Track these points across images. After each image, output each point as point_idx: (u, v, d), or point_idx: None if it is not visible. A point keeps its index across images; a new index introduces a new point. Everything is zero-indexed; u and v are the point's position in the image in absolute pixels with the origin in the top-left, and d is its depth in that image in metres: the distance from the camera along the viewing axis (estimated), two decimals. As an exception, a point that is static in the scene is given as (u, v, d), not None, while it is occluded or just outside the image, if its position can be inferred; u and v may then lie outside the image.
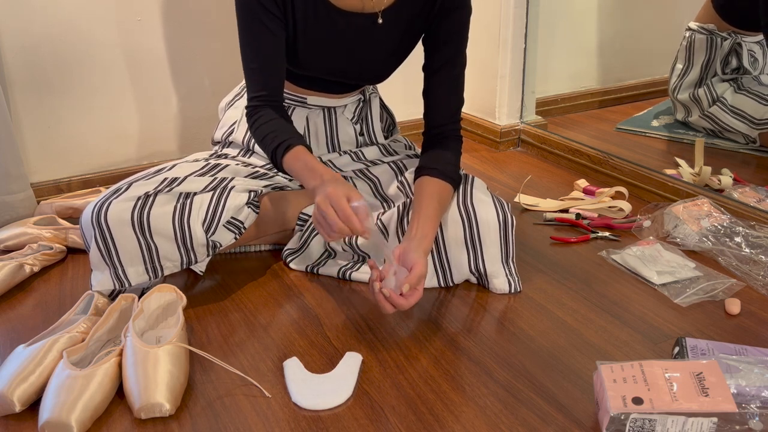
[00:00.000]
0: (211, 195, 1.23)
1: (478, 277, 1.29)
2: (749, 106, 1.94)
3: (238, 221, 1.26)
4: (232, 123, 1.45)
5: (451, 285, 1.29)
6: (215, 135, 1.48)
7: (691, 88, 2.07)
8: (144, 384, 0.97)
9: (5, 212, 1.55)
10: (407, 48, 1.34)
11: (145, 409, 0.95)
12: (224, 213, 1.23)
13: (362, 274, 1.32)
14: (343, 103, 1.43)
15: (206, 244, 1.21)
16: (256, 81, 1.26)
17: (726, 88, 2.01)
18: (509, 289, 1.27)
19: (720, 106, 1.99)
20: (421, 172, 1.27)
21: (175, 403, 0.97)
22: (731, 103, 1.98)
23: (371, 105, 1.48)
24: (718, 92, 2.01)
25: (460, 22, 1.27)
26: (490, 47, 2.06)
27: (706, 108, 2.02)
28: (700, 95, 2.04)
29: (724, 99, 1.99)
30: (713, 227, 1.43)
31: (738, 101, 1.97)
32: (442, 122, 1.31)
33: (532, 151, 2.07)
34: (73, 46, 1.64)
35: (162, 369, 0.98)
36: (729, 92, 2.00)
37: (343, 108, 1.44)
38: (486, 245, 1.24)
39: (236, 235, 1.25)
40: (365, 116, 1.48)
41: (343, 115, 1.44)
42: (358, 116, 1.46)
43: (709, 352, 1.01)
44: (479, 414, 0.97)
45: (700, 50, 2.04)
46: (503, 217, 1.24)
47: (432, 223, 1.18)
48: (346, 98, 1.43)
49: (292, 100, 1.40)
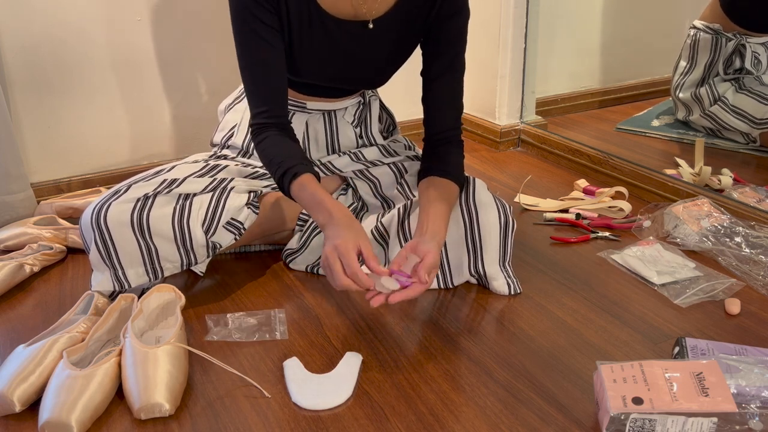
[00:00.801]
0: (211, 196, 1.23)
1: (477, 279, 1.29)
2: (750, 106, 1.94)
3: (238, 222, 1.26)
4: (231, 126, 1.44)
5: (451, 287, 1.29)
6: (214, 137, 1.47)
7: (693, 87, 2.07)
8: (143, 384, 0.96)
9: (5, 212, 1.55)
10: (404, 54, 1.33)
11: (145, 409, 0.95)
12: (224, 214, 1.23)
13: None
14: (343, 106, 1.42)
15: (206, 245, 1.21)
16: (259, 96, 1.23)
17: (727, 87, 2.01)
18: (509, 290, 1.27)
19: (721, 105, 1.99)
20: (429, 172, 1.25)
21: (174, 403, 0.97)
22: (732, 103, 1.98)
23: (371, 107, 1.48)
24: (719, 92, 2.01)
25: (458, 28, 1.25)
26: (490, 47, 2.06)
27: (707, 107, 2.02)
28: (701, 94, 2.04)
29: (725, 98, 1.99)
30: (713, 227, 1.43)
31: (739, 101, 1.97)
32: (444, 129, 1.29)
33: (532, 151, 2.07)
34: (73, 47, 1.64)
35: (161, 369, 0.98)
36: (730, 92, 2.00)
37: (344, 111, 1.43)
38: (486, 247, 1.24)
39: (236, 236, 1.25)
40: (365, 118, 1.47)
41: (344, 118, 1.43)
42: (358, 119, 1.45)
43: (709, 352, 1.01)
44: (479, 414, 0.97)
45: (704, 50, 2.04)
46: (504, 220, 1.24)
47: (443, 221, 1.16)
48: (346, 101, 1.42)
49: (291, 105, 1.38)
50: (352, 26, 1.23)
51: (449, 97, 1.29)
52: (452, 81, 1.27)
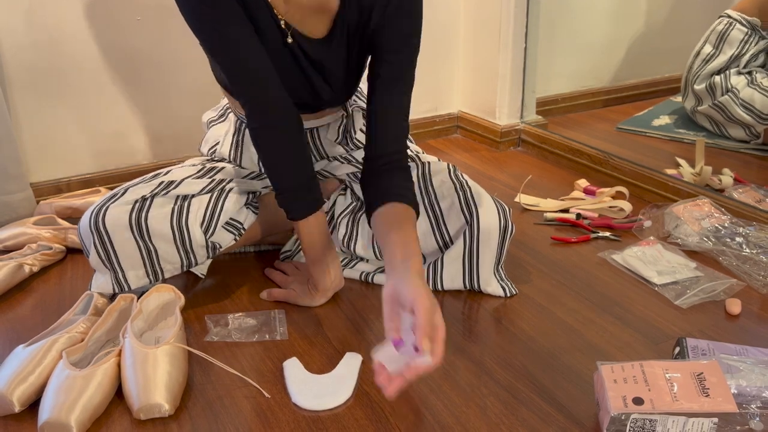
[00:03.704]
0: (209, 197, 1.22)
1: (470, 288, 1.28)
2: (759, 101, 1.94)
3: (237, 222, 1.25)
4: (214, 142, 1.39)
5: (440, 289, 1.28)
6: (201, 148, 1.44)
7: (709, 77, 2.04)
8: (143, 385, 0.96)
9: (5, 212, 1.55)
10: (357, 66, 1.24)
11: (145, 409, 0.95)
12: (222, 214, 1.22)
13: (355, 271, 1.33)
14: (325, 123, 1.34)
15: (206, 245, 1.21)
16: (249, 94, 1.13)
17: (740, 80, 2.00)
18: (504, 293, 1.26)
19: (731, 96, 1.99)
20: (384, 198, 1.11)
21: (174, 403, 0.97)
22: (742, 96, 1.97)
23: (354, 119, 1.38)
24: (732, 83, 2.00)
25: (406, 33, 1.13)
26: (490, 47, 2.06)
27: (718, 96, 2.01)
28: (715, 84, 2.02)
29: (736, 90, 1.98)
30: (714, 227, 1.43)
31: (749, 94, 1.97)
32: (389, 151, 1.16)
33: (533, 150, 2.07)
34: (73, 47, 1.64)
35: (160, 370, 0.98)
36: (742, 84, 1.99)
37: (326, 128, 1.36)
38: (482, 257, 1.24)
39: (236, 236, 1.25)
40: (349, 133, 1.38)
41: (327, 138, 1.36)
42: (342, 135, 1.37)
43: (710, 353, 1.01)
44: (479, 414, 0.97)
45: (734, 41, 2.00)
46: (504, 224, 1.24)
47: (414, 246, 1.02)
48: (327, 117, 1.34)
49: None
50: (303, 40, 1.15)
51: (395, 115, 1.16)
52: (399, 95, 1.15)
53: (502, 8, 1.98)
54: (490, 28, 2.04)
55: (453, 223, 1.26)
